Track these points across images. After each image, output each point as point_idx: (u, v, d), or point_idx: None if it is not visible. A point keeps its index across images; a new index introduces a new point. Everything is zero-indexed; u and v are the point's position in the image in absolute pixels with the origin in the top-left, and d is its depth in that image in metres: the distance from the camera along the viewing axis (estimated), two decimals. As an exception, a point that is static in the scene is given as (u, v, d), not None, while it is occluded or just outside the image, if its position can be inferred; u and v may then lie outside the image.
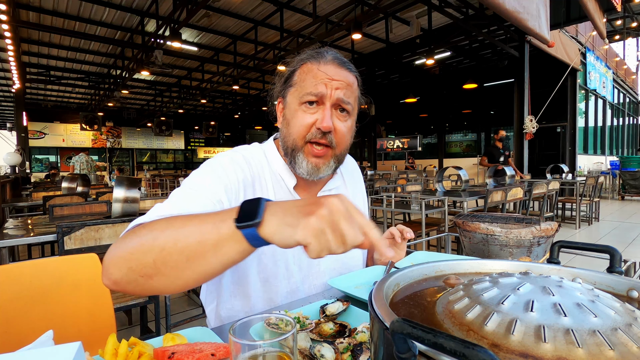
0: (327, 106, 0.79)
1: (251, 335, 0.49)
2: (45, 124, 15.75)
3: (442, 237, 3.37)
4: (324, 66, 0.80)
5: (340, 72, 0.81)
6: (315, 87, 0.78)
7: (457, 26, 7.52)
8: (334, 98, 0.79)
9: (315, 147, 0.80)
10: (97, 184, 6.58)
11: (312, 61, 0.82)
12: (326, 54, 0.83)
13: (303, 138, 0.80)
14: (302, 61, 0.84)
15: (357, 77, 0.86)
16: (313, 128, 0.79)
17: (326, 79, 0.79)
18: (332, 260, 0.91)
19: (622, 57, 14.67)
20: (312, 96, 0.78)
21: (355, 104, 0.85)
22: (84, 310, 1.02)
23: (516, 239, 0.93)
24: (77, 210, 2.66)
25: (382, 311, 0.32)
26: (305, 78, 0.81)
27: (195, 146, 20.56)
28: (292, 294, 0.86)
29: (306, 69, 0.82)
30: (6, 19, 5.77)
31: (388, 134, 15.64)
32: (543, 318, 0.31)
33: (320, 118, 0.78)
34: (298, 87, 0.82)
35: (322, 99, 0.79)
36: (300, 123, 0.80)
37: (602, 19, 5.24)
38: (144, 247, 0.51)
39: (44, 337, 0.52)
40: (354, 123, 0.86)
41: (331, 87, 0.78)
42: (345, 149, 0.85)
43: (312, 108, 0.80)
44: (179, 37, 6.71)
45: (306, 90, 0.79)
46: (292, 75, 0.84)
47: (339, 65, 0.81)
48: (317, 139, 0.79)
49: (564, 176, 6.38)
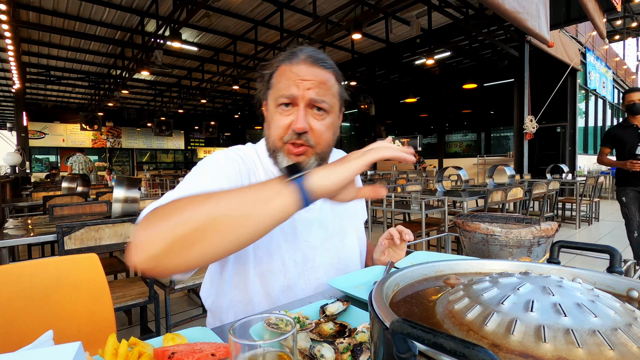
0: (301, 107, 0.79)
1: (251, 335, 0.49)
2: (45, 124, 15.75)
3: (442, 237, 3.37)
4: (296, 67, 0.81)
5: (313, 71, 0.80)
6: (288, 89, 0.79)
7: (457, 26, 7.53)
8: (306, 98, 0.79)
9: (294, 147, 0.81)
10: (97, 184, 6.58)
11: (286, 62, 0.83)
12: (299, 53, 0.83)
13: (281, 139, 0.81)
14: (279, 63, 0.84)
15: (334, 73, 0.85)
16: (289, 129, 0.80)
17: (297, 80, 0.79)
18: (327, 255, 0.91)
19: (622, 57, 14.68)
20: (285, 98, 0.79)
21: (334, 100, 0.84)
22: (84, 310, 1.02)
23: (516, 239, 0.93)
24: (77, 210, 2.66)
25: (382, 311, 0.32)
26: (280, 80, 0.82)
27: (195, 146, 20.56)
28: (289, 289, 0.86)
29: (281, 70, 0.83)
30: (6, 19, 5.77)
31: (388, 134, 15.63)
32: (543, 318, 0.31)
33: (295, 119, 0.79)
34: (274, 89, 0.83)
35: (295, 100, 0.79)
36: (277, 125, 0.81)
37: (602, 19, 5.25)
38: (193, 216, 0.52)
39: (44, 337, 0.52)
40: (334, 119, 0.86)
41: (303, 88, 0.79)
42: (327, 146, 0.84)
43: (288, 110, 0.80)
44: (179, 37, 6.71)
45: (280, 92, 0.80)
46: (270, 77, 0.85)
47: (311, 64, 0.81)
48: (294, 140, 0.80)
49: (564, 176, 6.38)
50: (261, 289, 0.84)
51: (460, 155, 13.46)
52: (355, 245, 0.98)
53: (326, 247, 0.91)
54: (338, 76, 0.86)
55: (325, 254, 0.91)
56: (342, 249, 0.94)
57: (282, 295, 0.85)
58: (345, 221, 0.98)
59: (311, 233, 0.89)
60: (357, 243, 0.99)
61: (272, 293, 0.85)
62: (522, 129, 7.33)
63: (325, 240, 0.91)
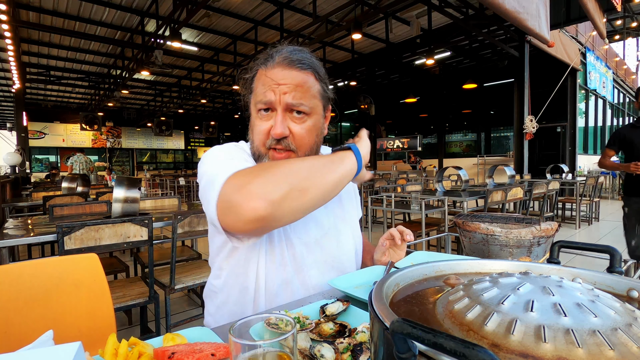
0: (279, 112, 0.78)
1: (251, 335, 0.49)
2: (45, 124, 15.75)
3: (442, 237, 3.37)
4: (271, 71, 0.79)
5: (288, 74, 0.78)
6: (264, 94, 0.78)
7: (457, 26, 7.53)
8: (283, 103, 0.77)
9: (277, 152, 0.80)
10: (97, 184, 6.58)
11: (262, 67, 0.81)
12: (275, 55, 0.80)
13: (264, 145, 0.81)
14: (257, 67, 0.83)
15: (313, 72, 0.82)
16: (269, 135, 0.79)
17: (273, 85, 0.77)
18: (322, 253, 0.91)
19: (622, 57, 14.68)
20: (263, 104, 0.79)
21: (314, 101, 0.82)
22: (84, 310, 1.02)
23: (516, 239, 0.93)
24: (77, 210, 2.67)
25: (382, 311, 0.32)
26: (257, 85, 0.81)
27: (195, 146, 20.57)
28: (287, 283, 0.86)
29: (259, 75, 0.82)
30: (6, 19, 5.77)
31: (388, 134, 15.63)
32: (543, 318, 0.31)
33: (273, 125, 0.78)
34: (254, 94, 0.82)
35: (272, 105, 0.78)
36: (258, 130, 0.81)
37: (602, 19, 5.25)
38: (295, 169, 0.66)
39: (44, 337, 0.52)
40: (317, 121, 0.84)
41: (279, 92, 0.77)
42: (309, 150, 0.83)
43: (267, 115, 0.80)
44: (179, 37, 6.71)
45: (258, 98, 0.79)
46: (251, 82, 0.84)
47: (287, 66, 0.79)
48: (275, 146, 0.79)
49: (564, 176, 6.38)
50: (262, 282, 0.85)
51: (460, 155, 13.46)
52: (350, 243, 0.98)
53: (321, 245, 0.91)
54: (318, 75, 0.83)
55: (320, 252, 0.91)
56: (337, 247, 0.94)
57: (281, 291, 0.86)
58: (340, 219, 0.98)
59: (307, 231, 0.89)
60: (352, 241, 0.99)
61: (272, 288, 0.85)
62: (522, 129, 7.33)
63: (321, 238, 0.91)
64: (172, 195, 3.60)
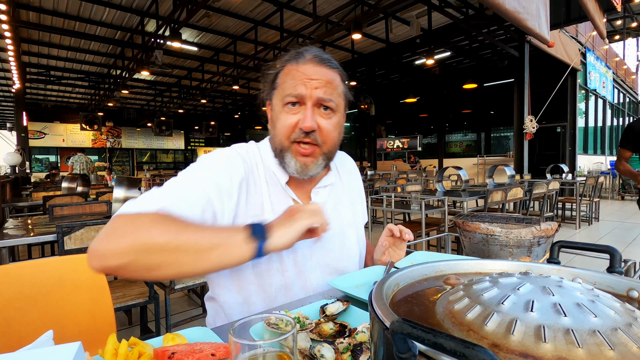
0: (308, 106, 0.80)
1: (251, 335, 0.49)
2: (45, 124, 15.75)
3: (442, 237, 3.37)
4: (303, 66, 0.81)
5: (319, 71, 0.81)
6: (295, 88, 0.80)
7: (457, 26, 7.52)
8: (314, 97, 0.80)
9: (302, 146, 0.82)
10: (97, 184, 6.58)
11: (292, 62, 0.83)
12: (305, 53, 0.83)
13: (288, 138, 0.82)
14: (284, 63, 0.85)
15: (340, 72, 0.86)
16: (297, 128, 0.81)
17: (305, 79, 0.80)
18: (326, 255, 0.91)
19: (622, 57, 14.67)
20: (293, 97, 0.80)
21: (340, 100, 0.85)
22: (84, 310, 1.02)
23: (516, 239, 0.93)
24: (77, 210, 2.67)
25: (382, 311, 0.32)
26: (286, 80, 0.82)
27: (195, 146, 20.56)
28: (287, 288, 0.86)
29: (287, 70, 0.83)
30: (6, 19, 5.77)
31: (388, 134, 15.64)
32: (543, 318, 0.31)
33: (302, 118, 0.80)
34: (280, 89, 0.83)
35: (302, 99, 0.80)
36: (284, 124, 0.82)
37: (602, 19, 5.24)
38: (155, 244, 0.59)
39: (44, 337, 0.52)
40: (340, 119, 0.87)
41: (310, 87, 0.80)
42: (333, 146, 0.86)
43: (295, 109, 0.81)
44: (179, 37, 6.71)
45: (287, 91, 0.81)
46: (276, 77, 0.85)
47: (318, 64, 0.82)
48: (302, 139, 0.81)
49: (564, 176, 6.38)
50: (259, 288, 0.84)
51: (460, 155, 13.47)
52: (354, 246, 0.98)
53: (325, 247, 0.91)
54: (343, 76, 0.87)
55: (324, 254, 0.90)
56: (341, 249, 0.94)
57: (280, 295, 0.85)
58: (346, 223, 0.97)
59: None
60: (356, 245, 0.99)
61: (270, 292, 0.84)
62: (522, 129, 7.33)
63: (325, 241, 0.91)
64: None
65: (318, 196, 0.93)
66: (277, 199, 0.87)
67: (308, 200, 0.92)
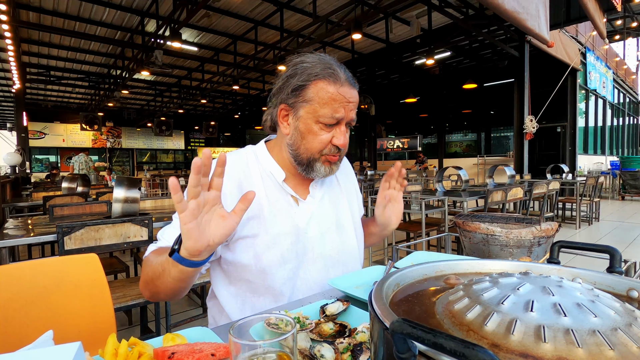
0: (344, 126, 0.87)
1: (251, 335, 0.49)
2: (45, 124, 15.74)
3: (442, 237, 3.37)
4: (341, 89, 0.84)
5: (354, 93, 0.87)
6: (337, 110, 0.84)
7: (457, 26, 7.52)
8: (349, 118, 0.87)
9: (331, 157, 0.89)
10: (97, 184, 6.58)
11: (329, 80, 0.84)
12: (340, 74, 0.86)
13: (319, 152, 0.88)
14: (316, 77, 0.84)
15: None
16: (329, 144, 0.87)
17: (345, 103, 0.85)
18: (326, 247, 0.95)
19: (622, 57, 14.67)
20: (333, 119, 0.84)
21: None
22: (84, 310, 1.02)
23: (516, 239, 0.93)
24: (77, 210, 2.66)
25: (382, 311, 0.32)
26: (324, 98, 0.83)
27: (196, 146, 20.55)
28: (291, 280, 0.89)
29: (322, 87, 0.84)
30: (6, 19, 5.77)
31: (388, 134, 15.64)
32: (543, 318, 0.31)
33: (338, 137, 0.87)
34: (315, 105, 0.84)
35: (340, 120, 0.86)
36: (319, 140, 0.86)
37: (602, 19, 5.24)
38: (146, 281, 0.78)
39: (44, 337, 0.52)
40: None
41: (348, 110, 0.86)
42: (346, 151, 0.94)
43: (329, 127, 0.86)
44: (179, 37, 6.71)
45: (327, 113, 0.84)
46: (303, 88, 0.85)
47: (352, 87, 0.87)
48: (333, 153, 0.89)
49: (564, 176, 6.38)
50: (263, 282, 0.86)
51: (460, 155, 13.47)
52: (353, 237, 1.01)
53: (325, 239, 0.95)
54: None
55: (324, 246, 0.94)
56: (341, 241, 0.98)
57: (285, 287, 0.88)
58: (343, 215, 1.01)
59: (310, 226, 0.93)
60: (354, 236, 1.02)
61: (274, 285, 0.87)
62: (522, 129, 7.33)
63: (324, 232, 0.95)
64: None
65: (315, 190, 0.97)
66: (275, 196, 0.91)
67: (306, 195, 0.96)
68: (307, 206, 0.94)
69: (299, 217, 0.92)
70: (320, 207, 0.96)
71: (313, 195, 0.96)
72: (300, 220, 0.91)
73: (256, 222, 0.87)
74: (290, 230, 0.89)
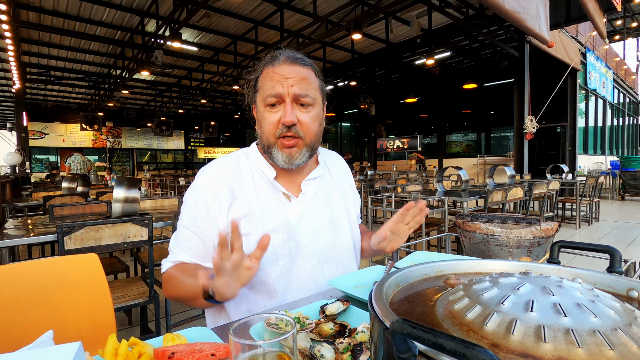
0: (287, 102, 0.87)
1: (251, 335, 0.49)
2: (45, 124, 15.74)
3: (442, 237, 3.37)
4: (278, 67, 0.89)
5: (294, 69, 0.88)
6: (273, 88, 0.87)
7: (457, 26, 7.52)
8: (291, 94, 0.87)
9: (286, 139, 0.89)
10: (97, 184, 6.58)
11: (269, 65, 0.90)
12: (279, 56, 0.91)
13: (273, 135, 0.89)
14: (262, 67, 0.92)
15: (313, 69, 0.93)
16: (280, 124, 0.88)
17: (281, 79, 0.87)
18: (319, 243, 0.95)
19: (622, 57, 14.67)
20: (272, 97, 0.87)
21: (316, 93, 0.92)
22: (84, 310, 1.02)
23: (516, 239, 0.93)
24: (77, 210, 2.66)
25: (382, 311, 0.32)
26: (265, 82, 0.90)
27: (196, 146, 20.56)
28: (284, 276, 0.90)
29: (265, 73, 0.91)
30: (6, 19, 5.76)
31: (388, 134, 15.63)
32: (543, 318, 0.31)
33: (283, 114, 0.87)
34: (261, 91, 0.90)
35: (281, 97, 0.87)
36: (268, 122, 0.89)
37: (602, 19, 5.24)
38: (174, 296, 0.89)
39: (44, 337, 0.52)
40: (319, 111, 0.94)
41: (287, 85, 0.86)
42: (315, 137, 0.93)
43: (276, 108, 0.89)
44: (179, 37, 6.71)
45: (267, 92, 0.88)
46: (256, 81, 0.93)
47: (292, 63, 0.89)
48: (285, 133, 0.88)
49: (564, 176, 6.37)
50: (256, 277, 0.87)
51: (461, 155, 13.47)
52: (347, 235, 1.01)
53: (318, 235, 0.95)
54: (317, 72, 0.95)
55: (317, 242, 0.94)
56: (334, 237, 0.98)
57: (278, 283, 0.89)
58: (336, 212, 1.01)
59: (302, 222, 0.94)
60: (349, 233, 1.02)
61: (267, 280, 0.88)
62: (522, 129, 7.33)
63: (317, 229, 0.95)
64: (172, 196, 3.60)
65: (308, 187, 0.97)
66: (266, 194, 0.93)
67: (298, 192, 0.97)
68: (299, 203, 0.95)
69: (291, 214, 0.93)
70: (313, 203, 0.96)
71: (305, 192, 0.97)
72: (292, 217, 0.92)
73: (247, 220, 0.88)
74: (282, 227, 0.90)
